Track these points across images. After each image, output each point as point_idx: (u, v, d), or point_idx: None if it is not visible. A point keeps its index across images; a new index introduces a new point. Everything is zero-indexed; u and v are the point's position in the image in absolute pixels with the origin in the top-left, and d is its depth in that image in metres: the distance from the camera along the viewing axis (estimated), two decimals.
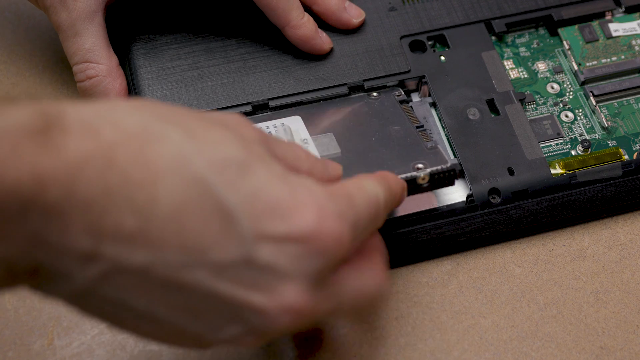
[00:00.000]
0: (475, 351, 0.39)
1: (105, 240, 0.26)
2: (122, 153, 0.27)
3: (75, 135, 0.26)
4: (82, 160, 0.26)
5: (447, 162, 0.39)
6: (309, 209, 0.29)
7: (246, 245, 0.28)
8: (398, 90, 0.44)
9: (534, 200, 0.41)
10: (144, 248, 0.27)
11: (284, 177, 0.30)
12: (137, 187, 0.27)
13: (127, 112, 0.28)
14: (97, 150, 0.26)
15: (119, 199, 0.26)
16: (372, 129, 0.42)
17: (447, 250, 0.41)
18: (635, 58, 0.47)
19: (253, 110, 0.43)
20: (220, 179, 0.28)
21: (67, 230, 0.26)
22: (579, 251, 0.42)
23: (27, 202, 0.25)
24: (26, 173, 0.25)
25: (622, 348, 0.39)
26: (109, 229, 0.26)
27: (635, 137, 0.44)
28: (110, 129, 0.27)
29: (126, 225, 0.27)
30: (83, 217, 0.26)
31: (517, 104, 0.44)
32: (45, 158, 0.25)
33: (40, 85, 0.47)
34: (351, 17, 0.45)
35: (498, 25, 0.47)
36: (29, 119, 0.25)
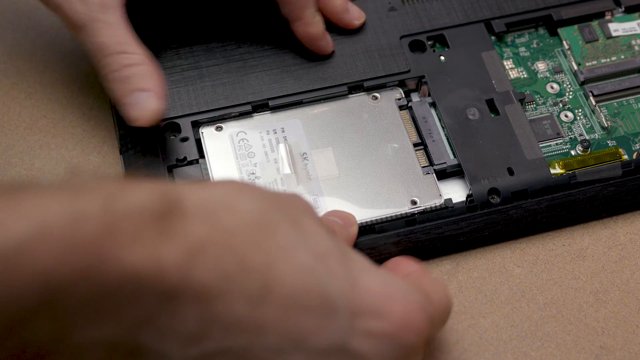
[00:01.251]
0: (475, 351, 0.39)
1: (214, 325, 0.26)
2: (239, 240, 0.27)
3: (194, 221, 0.26)
4: (201, 246, 0.26)
5: (441, 199, 0.41)
6: (399, 304, 0.30)
7: (343, 335, 0.29)
8: (398, 91, 0.45)
9: (533, 200, 0.41)
10: (248, 332, 0.27)
11: (371, 267, 0.31)
12: (252, 274, 0.27)
13: (241, 197, 0.28)
14: (215, 236, 0.26)
15: (234, 285, 0.27)
16: (371, 143, 0.42)
17: (446, 250, 0.41)
18: (634, 58, 0.47)
19: (253, 109, 0.43)
20: (325, 269, 0.29)
21: (178, 314, 0.26)
22: (579, 251, 0.42)
23: (144, 285, 0.25)
24: (146, 257, 0.25)
25: (621, 348, 0.39)
26: (221, 314, 0.26)
27: (634, 137, 0.44)
28: (229, 215, 0.27)
29: (237, 310, 0.27)
30: (197, 302, 0.26)
31: (517, 104, 0.44)
32: (166, 243, 0.25)
33: (40, 85, 0.47)
34: (353, 19, 0.46)
35: (498, 25, 0.47)
36: (151, 203, 0.25)
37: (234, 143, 0.42)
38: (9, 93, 0.47)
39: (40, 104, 0.46)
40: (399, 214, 0.40)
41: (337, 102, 0.44)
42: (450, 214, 0.41)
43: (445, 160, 0.42)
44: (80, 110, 0.46)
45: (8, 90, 0.47)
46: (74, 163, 0.44)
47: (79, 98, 0.47)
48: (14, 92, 0.47)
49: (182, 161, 0.42)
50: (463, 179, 0.42)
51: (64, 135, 0.45)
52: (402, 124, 0.43)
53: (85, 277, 0.24)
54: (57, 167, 0.44)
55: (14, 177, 0.43)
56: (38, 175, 0.44)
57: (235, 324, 0.27)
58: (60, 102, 0.46)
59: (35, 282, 0.23)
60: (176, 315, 0.26)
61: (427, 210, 0.41)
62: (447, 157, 0.43)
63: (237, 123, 0.43)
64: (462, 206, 0.41)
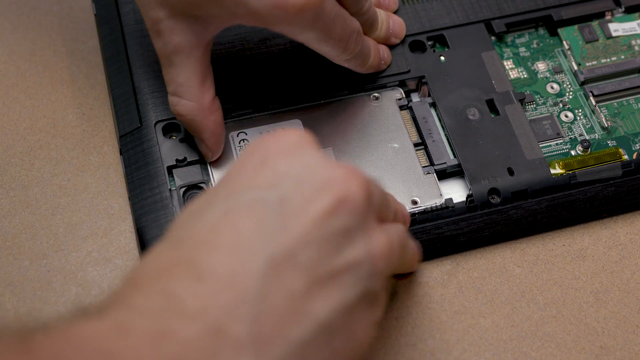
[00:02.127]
0: (475, 351, 0.39)
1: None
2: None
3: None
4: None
5: (442, 198, 0.41)
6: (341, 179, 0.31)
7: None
8: (399, 91, 0.45)
9: (533, 200, 0.41)
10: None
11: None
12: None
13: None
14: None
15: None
16: (371, 143, 0.42)
17: (446, 250, 0.41)
18: (635, 58, 0.47)
19: (253, 110, 0.43)
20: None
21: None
22: (579, 251, 0.42)
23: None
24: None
25: (621, 348, 0.39)
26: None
27: (635, 137, 0.44)
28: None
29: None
30: None
31: (517, 104, 0.44)
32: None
33: (40, 85, 0.47)
34: (382, 62, 0.45)
35: (498, 25, 0.47)
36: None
37: (235, 143, 0.42)
38: (9, 93, 0.47)
39: (40, 104, 0.46)
40: None
41: (338, 102, 0.44)
42: (450, 214, 0.41)
43: (445, 161, 0.42)
44: (80, 110, 0.46)
45: (8, 90, 0.47)
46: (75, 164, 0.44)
47: (79, 98, 0.47)
48: (14, 92, 0.47)
49: (182, 161, 0.42)
50: (463, 179, 0.42)
51: (64, 135, 0.45)
52: (402, 124, 0.43)
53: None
54: (57, 167, 0.44)
55: (14, 177, 0.44)
56: (38, 176, 0.44)
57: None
58: (60, 102, 0.46)
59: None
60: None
61: (427, 210, 0.41)
62: (447, 157, 0.43)
63: (238, 123, 0.43)
64: (462, 206, 0.41)
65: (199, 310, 0.27)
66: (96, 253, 0.41)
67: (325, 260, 0.29)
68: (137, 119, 0.43)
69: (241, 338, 0.27)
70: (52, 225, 0.42)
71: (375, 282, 0.31)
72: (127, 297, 0.28)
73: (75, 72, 0.48)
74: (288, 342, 0.28)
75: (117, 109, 0.44)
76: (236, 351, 0.27)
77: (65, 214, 0.42)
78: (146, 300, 0.28)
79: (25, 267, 0.41)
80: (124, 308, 0.28)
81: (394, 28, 0.45)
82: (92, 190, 0.43)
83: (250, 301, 0.28)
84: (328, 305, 0.29)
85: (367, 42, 0.42)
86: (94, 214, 0.43)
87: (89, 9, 0.50)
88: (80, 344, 0.26)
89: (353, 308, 0.30)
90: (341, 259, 0.29)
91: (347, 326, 0.30)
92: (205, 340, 0.27)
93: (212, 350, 0.27)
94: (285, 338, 0.28)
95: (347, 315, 0.29)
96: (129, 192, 0.41)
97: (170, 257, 0.29)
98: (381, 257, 0.31)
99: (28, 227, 0.42)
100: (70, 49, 0.48)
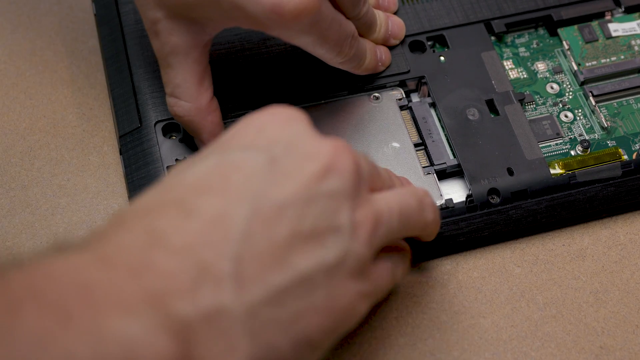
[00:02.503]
0: (474, 351, 0.39)
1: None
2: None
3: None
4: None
5: (442, 199, 0.41)
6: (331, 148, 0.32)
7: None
8: (399, 91, 0.45)
9: (533, 201, 0.41)
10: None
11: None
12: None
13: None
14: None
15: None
16: (372, 143, 0.43)
17: (446, 251, 0.41)
18: (634, 58, 0.47)
19: (254, 111, 0.43)
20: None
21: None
22: (579, 251, 0.42)
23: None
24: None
25: (621, 348, 0.39)
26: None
27: (634, 137, 0.44)
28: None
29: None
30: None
31: (517, 104, 0.44)
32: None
33: (40, 85, 0.47)
34: (380, 63, 0.45)
35: (497, 25, 0.47)
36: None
37: None
38: (9, 93, 0.47)
39: (40, 104, 0.46)
40: None
41: (338, 102, 0.44)
42: (450, 214, 0.41)
43: (445, 161, 0.43)
44: (80, 110, 0.46)
45: (8, 90, 0.47)
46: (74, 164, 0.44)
47: (79, 98, 0.47)
48: (14, 92, 0.47)
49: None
50: (463, 179, 0.42)
51: (63, 135, 0.45)
52: (403, 124, 0.43)
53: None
54: (57, 167, 0.44)
55: (14, 177, 0.44)
56: (38, 176, 0.44)
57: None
58: (60, 103, 0.46)
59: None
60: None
61: None
62: (447, 158, 0.43)
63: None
64: (461, 206, 0.41)
65: (183, 246, 0.28)
66: None
67: (309, 219, 0.30)
68: (137, 119, 0.43)
69: (223, 274, 0.28)
70: (52, 225, 0.42)
71: (358, 251, 0.31)
72: (110, 234, 0.29)
73: (75, 72, 0.48)
74: (267, 285, 0.29)
75: (117, 109, 0.44)
76: (217, 286, 0.28)
77: (65, 214, 0.42)
78: (130, 236, 0.28)
79: None
80: (105, 243, 0.28)
81: (393, 29, 0.45)
82: (92, 190, 0.43)
83: (235, 241, 0.28)
84: (308, 258, 0.30)
85: (363, 45, 0.42)
86: (94, 214, 0.43)
87: (89, 9, 0.50)
88: (57, 276, 0.26)
89: (334, 269, 0.30)
90: (324, 221, 0.30)
91: (328, 286, 0.30)
92: (186, 273, 0.27)
93: (192, 284, 0.27)
94: (265, 280, 0.29)
95: (327, 275, 0.30)
96: (128, 192, 0.41)
97: (157, 199, 0.30)
98: (364, 228, 0.31)
99: (28, 227, 0.42)
100: (70, 49, 0.48)
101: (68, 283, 0.26)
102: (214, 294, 0.28)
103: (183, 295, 0.27)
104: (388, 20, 0.45)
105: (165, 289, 0.27)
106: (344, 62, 0.41)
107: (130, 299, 0.26)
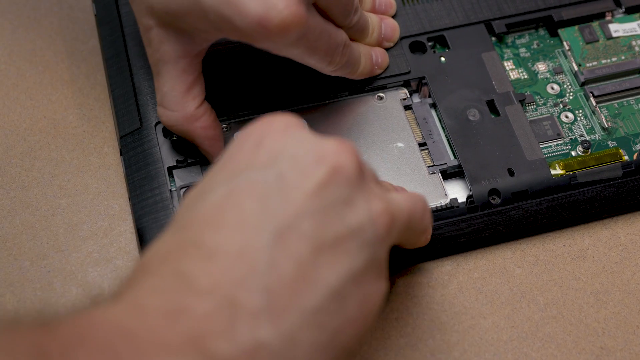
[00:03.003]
0: (475, 351, 0.39)
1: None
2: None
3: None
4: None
5: (447, 198, 0.41)
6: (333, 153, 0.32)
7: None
8: (404, 91, 0.45)
9: (534, 201, 0.41)
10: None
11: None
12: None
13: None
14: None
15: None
16: (376, 143, 0.43)
17: (447, 251, 0.41)
18: (635, 59, 0.47)
19: (257, 111, 0.43)
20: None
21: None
22: (579, 252, 0.42)
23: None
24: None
25: (622, 348, 0.39)
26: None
27: (635, 138, 0.44)
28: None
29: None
30: None
31: (517, 105, 0.44)
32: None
33: (40, 85, 0.47)
34: (376, 67, 0.45)
35: (498, 26, 0.47)
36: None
37: None
38: (9, 93, 0.47)
39: (40, 104, 0.46)
40: None
41: (342, 102, 0.44)
42: (450, 215, 0.41)
43: (445, 161, 0.43)
44: (81, 111, 0.46)
45: (8, 91, 0.47)
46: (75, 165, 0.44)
47: (79, 99, 0.47)
48: (14, 92, 0.47)
49: (182, 162, 0.42)
50: (463, 179, 0.42)
51: (64, 136, 0.45)
52: (407, 123, 0.43)
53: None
54: (57, 168, 0.44)
55: (15, 178, 0.44)
56: (38, 176, 0.44)
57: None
58: (61, 103, 0.46)
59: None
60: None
61: (432, 210, 0.41)
62: (448, 158, 0.43)
63: (242, 124, 0.43)
64: (462, 207, 0.41)
65: (212, 286, 0.28)
66: (96, 254, 0.41)
67: (328, 227, 0.29)
68: (138, 119, 0.43)
69: (256, 308, 0.27)
70: (53, 226, 0.42)
71: (380, 249, 0.31)
72: (138, 281, 0.29)
73: (76, 73, 0.48)
74: (302, 309, 0.28)
75: (118, 109, 0.44)
76: (253, 321, 0.27)
77: (66, 214, 0.42)
78: (158, 281, 0.28)
79: (26, 267, 0.41)
80: (136, 290, 0.28)
81: (387, 32, 0.45)
82: (93, 191, 0.43)
83: (261, 272, 0.28)
84: (336, 270, 0.29)
85: (356, 51, 0.42)
86: (94, 214, 0.43)
87: (89, 9, 0.50)
88: (100, 325, 0.27)
89: (361, 274, 0.30)
90: (344, 225, 0.30)
91: (358, 293, 0.30)
92: (221, 313, 0.27)
93: (228, 323, 0.27)
94: (298, 306, 0.28)
95: (356, 281, 0.30)
96: (129, 192, 0.41)
97: (176, 240, 0.30)
98: (383, 221, 0.31)
99: (28, 228, 0.42)
100: (71, 50, 0.48)
101: (111, 330, 0.27)
102: (250, 329, 0.27)
103: (221, 335, 0.27)
104: (381, 23, 0.45)
105: (203, 331, 0.27)
106: (337, 70, 0.41)
107: (172, 342, 0.27)
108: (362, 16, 0.42)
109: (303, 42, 0.37)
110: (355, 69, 0.43)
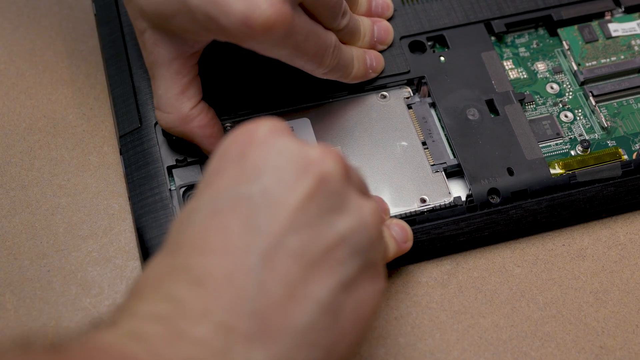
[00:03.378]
0: (474, 351, 0.39)
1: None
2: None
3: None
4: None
5: (450, 197, 0.41)
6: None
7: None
8: (407, 90, 0.45)
9: (533, 200, 0.41)
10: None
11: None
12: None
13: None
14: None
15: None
16: (380, 142, 0.43)
17: (446, 250, 0.41)
18: (634, 58, 0.47)
19: (261, 110, 0.43)
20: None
21: None
22: (579, 251, 0.42)
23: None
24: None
25: (621, 347, 0.39)
26: None
27: (634, 137, 0.44)
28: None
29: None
30: None
31: (517, 104, 0.44)
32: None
33: (40, 85, 0.47)
34: (370, 70, 0.44)
35: (497, 25, 0.47)
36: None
37: None
38: (9, 93, 0.47)
39: (40, 104, 0.46)
40: (408, 212, 0.40)
41: (346, 101, 0.44)
42: (450, 214, 0.41)
43: (445, 161, 0.43)
44: (80, 110, 0.46)
45: (8, 91, 0.47)
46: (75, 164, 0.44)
47: (79, 98, 0.47)
48: (14, 92, 0.47)
49: (182, 161, 0.42)
50: (463, 179, 0.42)
51: (64, 135, 0.45)
52: (410, 122, 0.43)
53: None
54: (57, 167, 0.44)
55: (15, 177, 0.44)
56: (38, 176, 0.44)
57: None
58: (60, 103, 0.46)
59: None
60: None
61: (436, 208, 0.41)
62: (447, 157, 0.43)
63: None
64: (462, 206, 0.41)
65: (204, 312, 0.28)
66: (96, 253, 0.41)
67: (317, 239, 0.29)
68: (137, 119, 0.43)
69: (248, 333, 0.28)
70: (52, 225, 0.42)
71: (374, 249, 0.31)
72: (132, 307, 0.29)
73: (75, 72, 0.48)
74: (293, 329, 0.28)
75: (117, 109, 0.44)
76: (247, 345, 0.27)
77: (65, 213, 0.42)
78: (152, 307, 0.28)
79: (25, 267, 0.41)
80: (132, 317, 0.28)
81: (380, 35, 0.45)
82: (92, 190, 0.43)
83: (250, 296, 0.28)
84: (327, 284, 0.29)
85: (348, 54, 0.42)
86: (94, 214, 0.43)
87: (89, 9, 0.50)
88: (106, 349, 0.27)
89: (354, 280, 0.30)
90: (334, 233, 0.30)
91: (351, 301, 0.30)
92: (216, 338, 0.27)
93: (224, 347, 0.27)
94: (289, 326, 0.28)
95: (349, 289, 0.30)
96: (129, 192, 0.41)
97: (166, 265, 0.30)
98: (373, 222, 0.31)
99: (28, 227, 0.42)
100: (70, 49, 0.48)
101: (116, 355, 0.27)
102: (245, 353, 0.27)
103: (218, 359, 0.27)
104: (374, 26, 0.45)
105: (201, 356, 0.27)
106: (328, 72, 0.41)
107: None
108: (352, 20, 0.42)
109: (290, 43, 0.37)
110: (347, 72, 0.42)
